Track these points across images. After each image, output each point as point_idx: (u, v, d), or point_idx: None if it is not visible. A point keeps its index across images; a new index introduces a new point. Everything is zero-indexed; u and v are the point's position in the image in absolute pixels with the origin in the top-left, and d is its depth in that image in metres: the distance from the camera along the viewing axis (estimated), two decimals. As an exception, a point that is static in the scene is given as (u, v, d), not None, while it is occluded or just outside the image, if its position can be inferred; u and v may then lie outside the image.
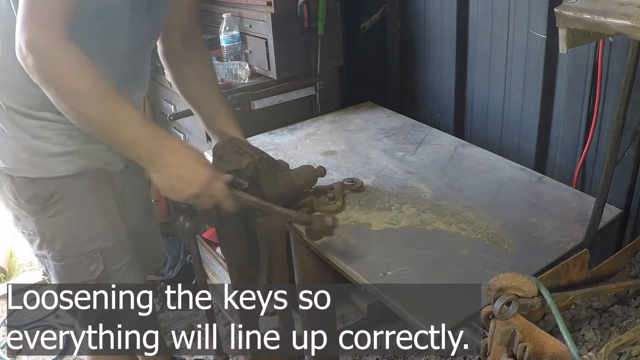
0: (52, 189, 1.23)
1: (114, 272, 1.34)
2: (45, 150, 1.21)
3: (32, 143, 1.20)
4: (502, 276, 0.98)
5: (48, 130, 1.20)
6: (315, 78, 2.15)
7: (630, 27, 0.80)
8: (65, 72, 1.04)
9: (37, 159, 1.21)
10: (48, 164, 1.22)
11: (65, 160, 1.22)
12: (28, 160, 1.20)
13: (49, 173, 1.22)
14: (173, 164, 1.14)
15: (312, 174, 1.45)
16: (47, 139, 1.20)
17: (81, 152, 1.23)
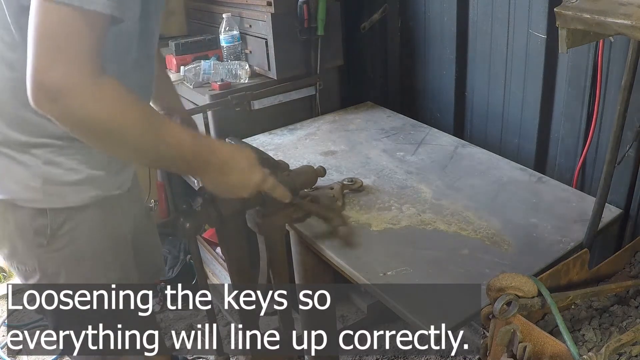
0: (62, 220, 1.16)
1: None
2: (58, 178, 1.13)
3: (45, 169, 1.11)
4: (502, 276, 0.98)
5: (60, 156, 1.12)
6: (315, 78, 2.15)
7: (630, 27, 0.80)
8: (109, 110, 0.93)
9: (50, 187, 1.12)
10: (62, 192, 1.14)
11: (78, 189, 1.15)
12: (41, 189, 1.12)
13: (62, 203, 1.14)
14: (229, 170, 1.11)
15: (312, 174, 1.45)
16: (60, 164, 1.12)
17: (93, 180, 1.16)
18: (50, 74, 0.87)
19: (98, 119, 0.93)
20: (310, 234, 1.39)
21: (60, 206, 1.15)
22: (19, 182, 1.13)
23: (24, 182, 1.12)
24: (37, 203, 1.14)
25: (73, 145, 1.13)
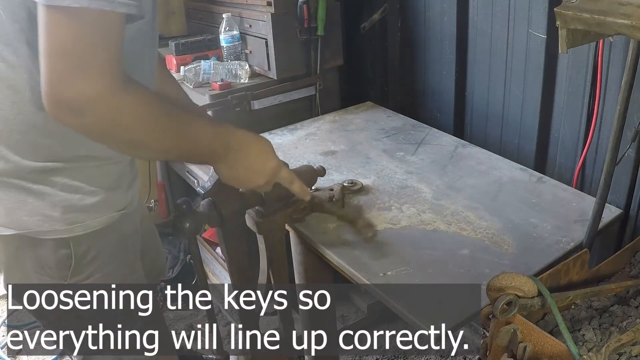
0: (85, 248, 1.10)
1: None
2: (78, 203, 1.06)
3: (64, 197, 1.05)
4: (502, 276, 0.98)
5: (77, 180, 1.06)
6: (315, 78, 2.15)
7: (630, 27, 0.80)
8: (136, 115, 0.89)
9: (72, 215, 1.06)
10: (83, 218, 1.08)
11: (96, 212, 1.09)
12: (61, 218, 1.05)
13: (83, 229, 1.08)
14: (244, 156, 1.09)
15: (312, 173, 1.45)
16: (78, 189, 1.06)
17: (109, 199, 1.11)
18: (72, 89, 0.82)
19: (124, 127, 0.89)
20: (310, 234, 1.39)
21: (81, 233, 1.09)
22: (36, 213, 1.05)
23: (42, 213, 1.05)
24: (58, 234, 1.07)
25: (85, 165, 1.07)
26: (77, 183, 1.06)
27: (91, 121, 0.85)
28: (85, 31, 0.81)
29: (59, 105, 0.83)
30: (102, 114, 0.85)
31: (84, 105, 0.82)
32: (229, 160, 1.08)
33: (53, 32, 0.80)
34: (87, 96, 0.82)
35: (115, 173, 1.15)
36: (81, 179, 1.07)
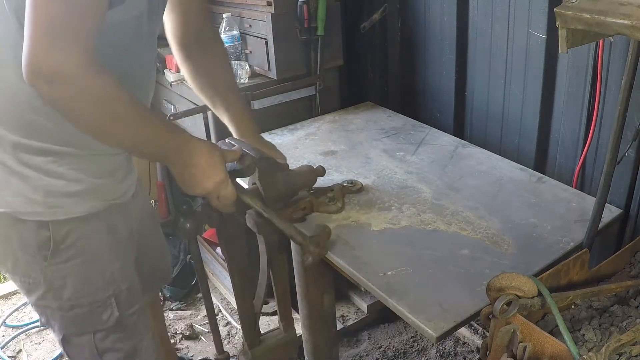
0: (65, 232, 1.15)
1: (127, 318, 1.27)
2: (61, 189, 1.11)
3: (46, 181, 1.10)
4: (502, 276, 0.98)
5: (60, 166, 1.11)
6: (315, 78, 2.15)
7: (630, 27, 0.80)
8: (99, 100, 0.95)
9: (53, 199, 1.11)
10: (64, 203, 1.12)
11: (81, 199, 1.14)
12: (42, 202, 1.10)
13: (64, 214, 1.13)
14: (191, 164, 1.13)
15: (312, 173, 1.45)
16: (61, 175, 1.11)
17: (96, 189, 1.16)
18: (48, 60, 0.88)
19: (86, 104, 0.95)
20: (310, 233, 1.39)
21: (62, 218, 1.13)
22: (19, 194, 1.10)
23: (25, 195, 1.10)
24: (39, 216, 1.12)
25: (75, 153, 1.11)
26: (61, 169, 1.10)
27: (59, 92, 0.91)
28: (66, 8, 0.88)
29: (34, 72, 0.89)
30: (70, 87, 0.91)
31: (54, 75, 0.89)
32: (178, 165, 1.13)
33: (38, 6, 0.87)
34: (58, 67, 0.89)
35: (106, 164, 1.18)
36: (67, 166, 1.11)
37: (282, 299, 1.49)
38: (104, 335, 1.25)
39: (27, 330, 2.50)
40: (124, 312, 1.26)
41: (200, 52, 1.43)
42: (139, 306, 1.30)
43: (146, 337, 1.33)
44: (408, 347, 2.24)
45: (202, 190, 1.16)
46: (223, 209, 1.23)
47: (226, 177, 1.17)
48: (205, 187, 1.16)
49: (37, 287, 1.20)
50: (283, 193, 1.36)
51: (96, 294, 1.22)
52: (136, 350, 1.30)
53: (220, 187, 1.17)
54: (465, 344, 2.22)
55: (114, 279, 1.24)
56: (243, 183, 1.50)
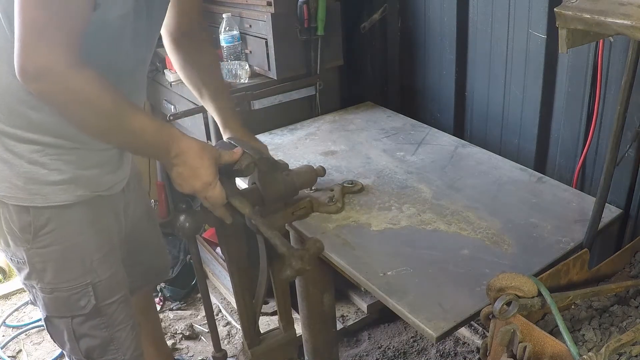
0: (45, 219, 1.18)
1: (105, 307, 1.28)
2: (41, 178, 1.15)
3: (28, 169, 1.14)
4: (502, 276, 0.98)
5: (44, 156, 1.15)
6: (315, 78, 2.15)
7: (630, 27, 0.80)
8: (84, 95, 1.01)
9: (34, 186, 1.15)
10: (43, 191, 1.16)
11: (62, 188, 1.17)
12: (23, 188, 1.15)
13: (44, 202, 1.16)
14: (181, 163, 1.15)
15: (312, 174, 1.45)
16: (44, 164, 1.15)
17: (79, 179, 1.19)
18: (34, 58, 0.95)
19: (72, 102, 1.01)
20: (310, 233, 1.39)
21: (42, 205, 1.17)
22: (4, 179, 1.15)
23: (8, 180, 1.15)
24: (20, 201, 1.17)
25: (62, 144, 1.15)
26: (45, 159, 1.14)
27: (46, 88, 0.98)
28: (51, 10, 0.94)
29: (24, 70, 0.96)
30: (56, 84, 0.97)
31: (41, 73, 0.95)
32: (167, 163, 1.16)
33: (25, 8, 0.93)
34: (44, 65, 0.95)
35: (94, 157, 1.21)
36: (51, 156, 1.15)
37: (282, 299, 1.49)
38: (81, 321, 1.28)
39: (27, 330, 2.50)
40: (102, 301, 1.28)
41: (190, 46, 1.47)
42: (120, 296, 1.32)
43: (125, 327, 1.34)
44: (408, 347, 2.25)
45: (190, 189, 1.18)
46: (212, 210, 1.24)
47: (214, 179, 1.18)
48: (193, 187, 1.17)
49: (24, 267, 1.25)
50: (283, 193, 1.36)
51: (75, 280, 1.24)
52: (112, 339, 1.32)
53: (208, 189, 1.18)
54: (465, 344, 2.22)
55: (93, 268, 1.26)
56: (243, 183, 1.50)
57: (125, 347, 1.34)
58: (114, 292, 1.30)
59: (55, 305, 1.26)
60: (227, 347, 2.33)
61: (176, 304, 2.59)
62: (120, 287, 1.33)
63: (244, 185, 1.47)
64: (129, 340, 1.35)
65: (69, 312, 1.26)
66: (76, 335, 1.28)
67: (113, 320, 1.31)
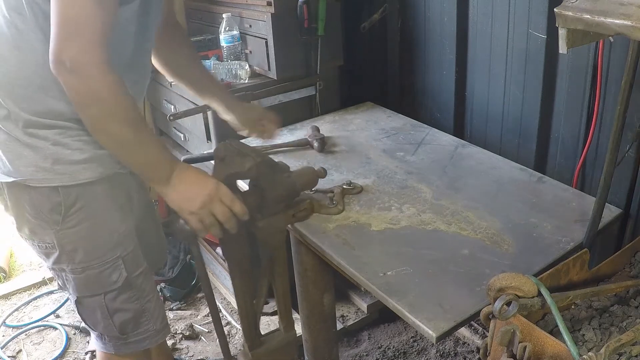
0: (74, 197, 1.24)
1: (134, 278, 1.34)
2: (67, 157, 1.21)
3: (54, 150, 1.20)
4: (502, 276, 0.98)
5: (67, 137, 1.21)
6: (315, 78, 2.15)
7: (630, 27, 0.80)
8: (107, 96, 1.08)
9: (60, 167, 1.21)
10: (71, 170, 1.22)
11: (86, 167, 1.23)
12: (50, 169, 1.21)
13: (72, 180, 1.22)
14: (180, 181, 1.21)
15: (313, 175, 1.44)
16: (67, 145, 1.21)
17: (99, 158, 1.24)
18: (68, 51, 1.04)
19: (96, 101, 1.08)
20: (310, 234, 1.39)
21: (70, 183, 1.23)
22: (30, 164, 1.21)
23: (35, 164, 1.20)
24: (49, 182, 1.22)
25: (78, 126, 1.21)
26: (67, 140, 1.21)
27: (76, 81, 1.06)
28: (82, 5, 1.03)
29: (58, 63, 1.04)
30: (84, 79, 1.06)
31: (75, 66, 1.04)
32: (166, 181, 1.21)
33: (60, 8, 1.03)
34: (77, 59, 1.04)
35: None
36: (71, 137, 1.21)
37: (283, 300, 1.49)
38: (114, 296, 1.32)
39: (27, 330, 2.50)
40: (132, 273, 1.33)
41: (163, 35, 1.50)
42: (144, 268, 1.38)
43: (153, 297, 1.40)
44: (408, 347, 2.25)
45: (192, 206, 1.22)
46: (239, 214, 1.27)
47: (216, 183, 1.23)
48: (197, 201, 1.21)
49: (53, 252, 1.29)
50: (284, 194, 1.36)
51: (105, 256, 1.29)
52: (144, 310, 1.38)
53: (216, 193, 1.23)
54: (465, 344, 2.22)
55: (120, 241, 1.31)
56: (244, 184, 1.50)
57: (155, 316, 1.41)
58: (139, 264, 1.37)
59: (87, 284, 1.31)
60: (227, 347, 2.33)
61: (176, 304, 2.59)
62: (142, 259, 1.39)
63: (245, 187, 1.47)
64: (158, 310, 1.42)
65: (101, 289, 1.31)
66: (110, 311, 1.33)
67: (142, 291, 1.37)
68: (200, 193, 1.21)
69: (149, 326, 1.39)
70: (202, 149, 2.17)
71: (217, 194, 1.22)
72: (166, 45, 1.53)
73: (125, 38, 1.20)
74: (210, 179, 1.24)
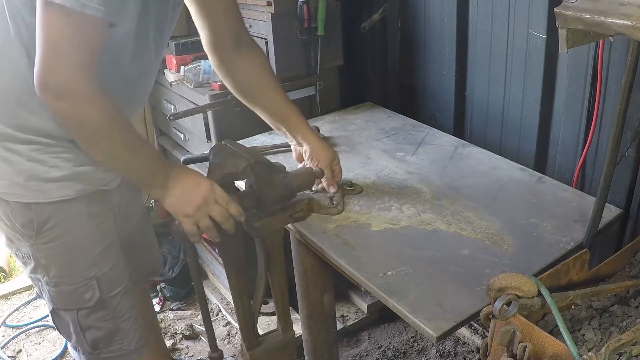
0: (47, 215, 1.20)
1: (109, 299, 1.31)
2: (41, 174, 1.18)
3: (28, 166, 1.17)
4: (502, 276, 0.98)
5: (44, 154, 1.17)
6: (315, 78, 2.15)
7: (630, 27, 0.80)
8: (98, 119, 1.06)
9: (33, 183, 1.18)
10: (44, 188, 1.19)
11: (61, 185, 1.20)
12: (23, 185, 1.17)
13: (44, 198, 1.19)
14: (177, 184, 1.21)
15: (310, 176, 1.44)
16: (43, 162, 1.17)
17: (77, 176, 1.21)
18: (55, 76, 0.99)
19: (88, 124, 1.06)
20: (310, 234, 1.39)
21: (43, 201, 1.20)
22: (5, 177, 1.18)
23: (9, 178, 1.18)
24: (21, 197, 1.19)
25: (59, 144, 1.18)
26: (44, 157, 1.17)
27: (64, 106, 1.02)
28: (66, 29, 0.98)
29: (44, 87, 1.00)
30: (74, 104, 1.02)
31: (62, 91, 1.00)
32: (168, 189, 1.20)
33: (44, 27, 0.98)
34: (65, 85, 1.00)
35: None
36: (50, 154, 1.18)
37: (281, 301, 1.49)
38: (86, 313, 1.30)
39: (27, 330, 2.50)
40: (107, 294, 1.30)
41: (236, 57, 1.48)
42: (122, 288, 1.34)
43: (130, 317, 1.36)
44: (408, 347, 2.24)
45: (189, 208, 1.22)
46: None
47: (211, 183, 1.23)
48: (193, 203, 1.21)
49: (29, 262, 1.27)
50: (280, 195, 1.36)
51: (79, 274, 1.27)
52: (117, 330, 1.34)
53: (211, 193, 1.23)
54: (465, 344, 2.22)
55: (95, 262, 1.28)
56: (241, 184, 1.50)
57: (130, 337, 1.37)
58: (117, 284, 1.33)
59: (60, 298, 1.29)
60: (227, 347, 2.33)
61: (176, 304, 2.59)
62: (122, 279, 1.35)
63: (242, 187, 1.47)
64: (134, 331, 1.37)
65: (74, 305, 1.29)
66: (82, 327, 1.31)
67: (117, 311, 1.33)
68: (196, 195, 1.20)
69: (123, 345, 1.36)
70: (202, 149, 2.16)
71: (213, 195, 1.22)
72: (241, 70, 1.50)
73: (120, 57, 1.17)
74: (205, 180, 1.24)
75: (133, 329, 1.37)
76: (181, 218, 1.22)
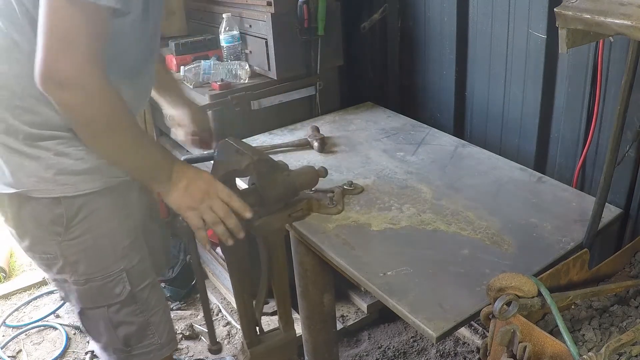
0: (76, 208, 1.21)
1: (139, 292, 1.31)
2: (69, 167, 1.18)
3: (56, 160, 1.17)
4: (502, 276, 0.98)
5: (69, 147, 1.18)
6: (315, 78, 2.15)
7: (630, 27, 0.80)
8: (104, 111, 1.06)
9: (63, 177, 1.18)
10: (72, 181, 1.19)
11: (89, 177, 1.20)
12: (53, 179, 1.17)
13: (74, 190, 1.19)
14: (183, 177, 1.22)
15: (313, 174, 1.45)
16: (69, 155, 1.18)
17: (101, 168, 1.21)
18: (59, 65, 0.98)
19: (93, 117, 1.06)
20: (310, 234, 1.39)
21: (73, 194, 1.20)
22: (32, 175, 1.17)
23: (37, 175, 1.17)
24: (51, 193, 1.19)
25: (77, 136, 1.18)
26: (69, 150, 1.18)
27: (68, 97, 1.01)
28: (75, 19, 0.97)
29: (47, 78, 0.99)
30: (78, 93, 1.01)
31: (65, 82, 0.99)
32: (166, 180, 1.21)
33: (50, 17, 0.96)
34: (69, 74, 0.99)
35: None
36: (74, 146, 1.18)
37: (282, 300, 1.49)
38: (117, 309, 1.30)
39: (27, 330, 2.50)
40: (136, 287, 1.31)
41: None
42: (150, 280, 1.35)
43: (158, 311, 1.37)
44: (408, 347, 2.24)
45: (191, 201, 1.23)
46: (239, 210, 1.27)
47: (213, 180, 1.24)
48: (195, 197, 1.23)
49: (55, 262, 1.26)
50: (283, 194, 1.36)
51: (109, 268, 1.27)
52: (149, 324, 1.35)
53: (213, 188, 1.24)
54: (465, 344, 2.22)
55: (125, 254, 1.28)
56: (243, 183, 1.50)
57: (161, 330, 1.37)
58: (145, 277, 1.33)
59: (89, 296, 1.28)
60: (227, 347, 2.33)
61: (176, 304, 2.59)
62: (150, 271, 1.36)
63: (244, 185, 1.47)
64: (164, 323, 1.38)
65: (104, 301, 1.29)
66: (113, 324, 1.31)
67: (147, 304, 1.34)
68: (199, 188, 1.22)
69: (154, 339, 1.36)
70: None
71: (214, 188, 1.23)
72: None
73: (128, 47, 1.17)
74: (206, 175, 1.25)
75: (163, 321, 1.38)
76: (185, 212, 1.22)
